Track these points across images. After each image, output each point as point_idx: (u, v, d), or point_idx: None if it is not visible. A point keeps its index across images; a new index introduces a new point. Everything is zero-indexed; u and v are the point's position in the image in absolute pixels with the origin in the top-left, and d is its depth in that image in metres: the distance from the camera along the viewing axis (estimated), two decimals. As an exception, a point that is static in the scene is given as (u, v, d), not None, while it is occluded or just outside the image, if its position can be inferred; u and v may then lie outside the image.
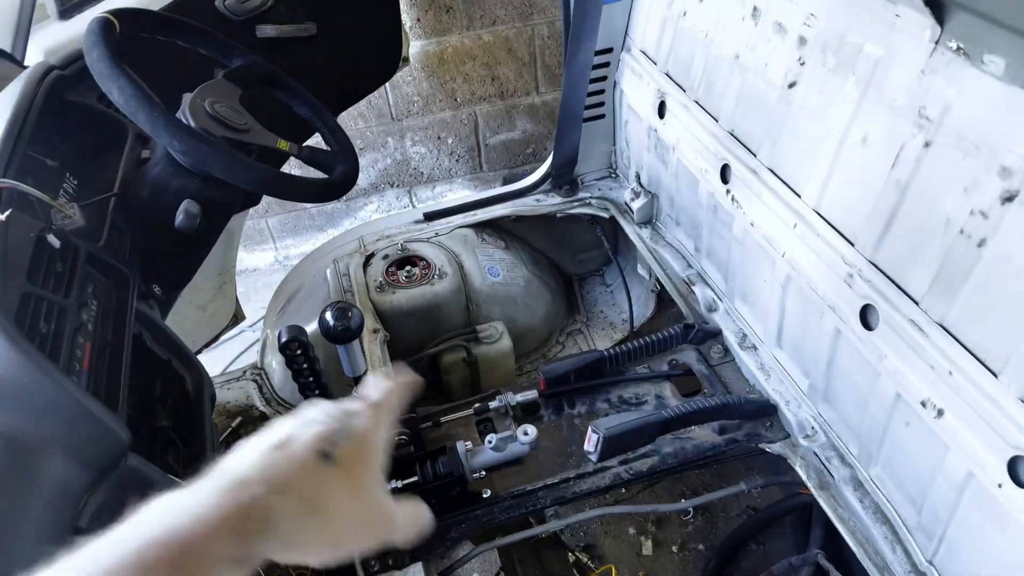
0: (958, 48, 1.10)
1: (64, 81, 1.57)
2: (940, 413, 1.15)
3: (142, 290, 1.43)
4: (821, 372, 1.48)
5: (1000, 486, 1.06)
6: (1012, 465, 1.05)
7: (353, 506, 0.53)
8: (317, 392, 1.27)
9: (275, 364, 2.37)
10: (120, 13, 1.40)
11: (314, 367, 1.25)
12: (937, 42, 1.13)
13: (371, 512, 0.55)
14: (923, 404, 1.18)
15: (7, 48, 1.74)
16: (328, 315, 1.31)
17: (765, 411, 1.61)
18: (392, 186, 3.68)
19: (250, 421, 2.28)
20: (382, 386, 0.62)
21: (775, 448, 1.57)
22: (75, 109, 1.58)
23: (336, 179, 1.49)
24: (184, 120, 1.35)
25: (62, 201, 1.32)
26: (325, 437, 0.53)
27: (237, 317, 2.73)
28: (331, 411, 0.57)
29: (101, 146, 1.59)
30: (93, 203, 1.36)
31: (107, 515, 1.06)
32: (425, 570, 1.42)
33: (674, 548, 2.28)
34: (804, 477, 1.50)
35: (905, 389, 1.22)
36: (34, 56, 1.81)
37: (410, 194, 3.74)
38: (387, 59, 2.67)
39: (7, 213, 1.06)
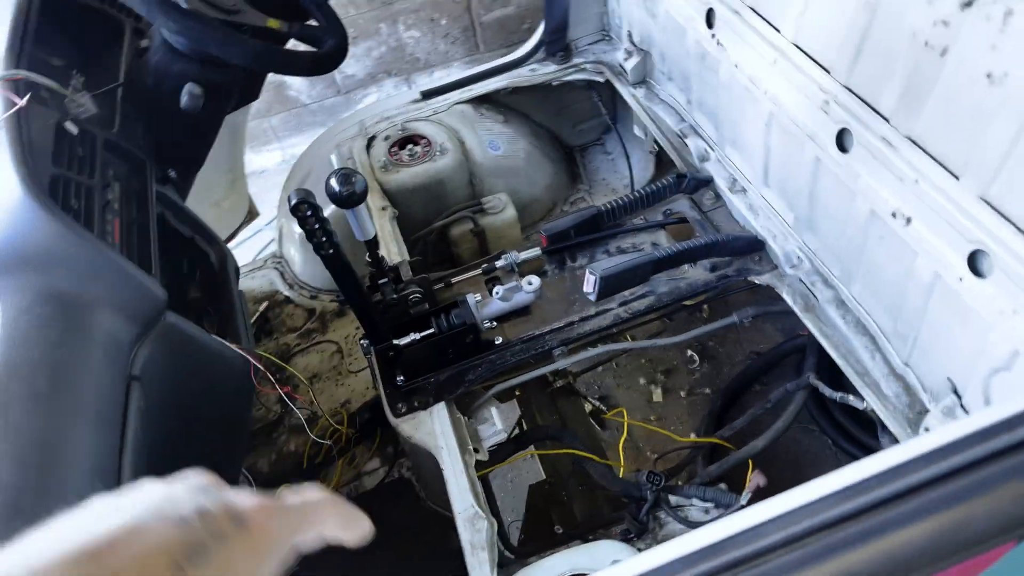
0: None
1: (57, -21, 1.61)
2: (908, 221, 1.23)
3: (159, 174, 1.53)
4: (804, 203, 1.56)
5: (961, 280, 1.16)
6: (971, 259, 1.14)
7: None
8: (332, 251, 1.37)
9: (294, 251, 2.49)
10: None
11: (325, 226, 1.34)
12: None
13: None
14: (893, 215, 1.26)
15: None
16: (333, 181, 1.39)
17: (753, 246, 1.69)
18: (389, 75, 3.68)
19: (276, 304, 2.43)
20: (308, 496, 0.49)
21: (764, 279, 1.66)
22: (72, 8, 1.63)
23: (326, 51, 1.55)
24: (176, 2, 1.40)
25: (72, 91, 1.39)
26: (175, 550, 0.37)
27: (252, 213, 2.84)
28: (201, 504, 0.41)
29: (101, 41, 1.64)
30: (102, 93, 1.44)
31: (154, 365, 1.19)
32: (448, 409, 1.56)
33: (682, 393, 2.44)
34: (791, 302, 1.60)
35: (878, 204, 1.30)
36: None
37: (408, 82, 3.75)
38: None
39: (26, 97, 1.15)
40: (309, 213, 1.32)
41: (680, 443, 2.15)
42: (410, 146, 2.27)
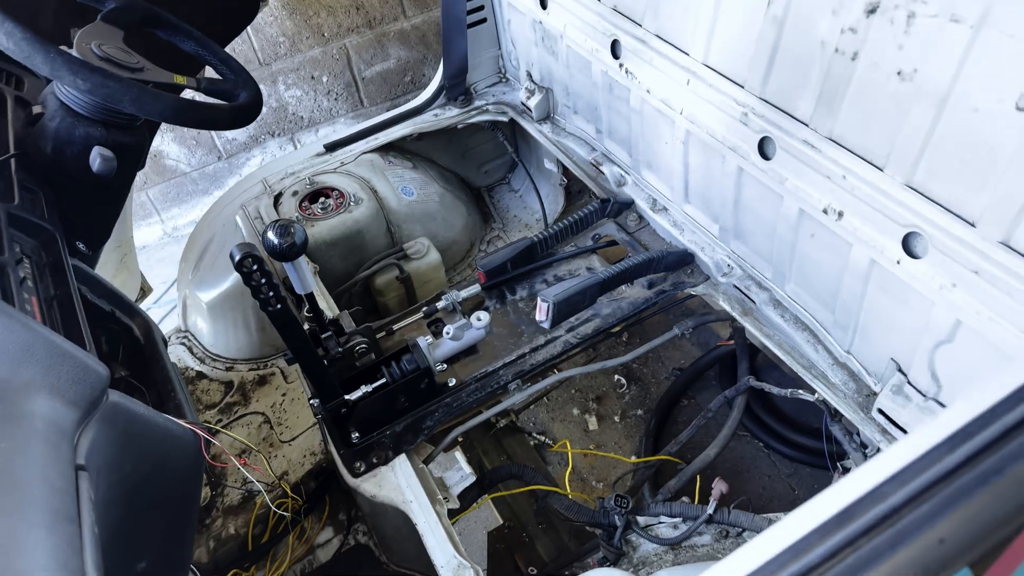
0: None
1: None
2: (840, 215, 1.32)
3: (68, 246, 1.39)
4: (729, 213, 1.64)
5: (899, 262, 1.24)
6: (906, 242, 1.23)
7: None
8: (279, 307, 1.30)
9: (201, 323, 2.33)
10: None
11: (271, 281, 1.27)
12: None
13: None
14: (825, 212, 1.35)
15: None
16: (271, 235, 1.32)
17: (684, 260, 1.76)
18: (273, 135, 3.59)
19: (188, 381, 2.26)
20: None
21: (699, 290, 1.73)
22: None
23: (244, 103, 1.48)
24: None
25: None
26: None
27: (144, 290, 2.65)
28: None
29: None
30: (-4, 166, 1.30)
31: (100, 451, 1.07)
32: (410, 461, 1.50)
33: (616, 418, 2.47)
34: (728, 309, 1.67)
35: (807, 203, 1.39)
36: None
37: (293, 141, 3.66)
38: (245, 2, 2.58)
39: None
40: (255, 268, 1.25)
41: (632, 464, 2.16)
42: (321, 199, 2.20)
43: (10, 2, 1.53)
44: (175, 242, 3.89)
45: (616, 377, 2.56)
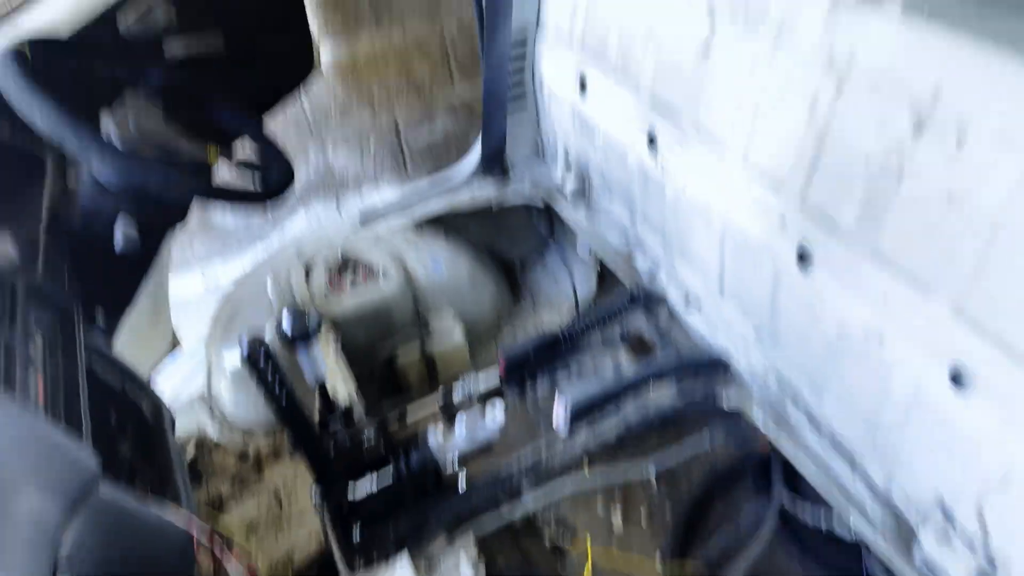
0: (857, -5, 1.18)
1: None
2: (881, 339, 1.23)
3: (86, 317, 1.39)
4: (766, 319, 1.56)
5: (944, 396, 1.15)
6: (953, 375, 1.13)
7: None
8: (283, 400, 1.26)
9: (224, 389, 2.31)
10: (32, 44, 1.35)
11: (279, 372, 1.24)
12: (837, -8, 1.21)
13: None
14: (864, 333, 1.26)
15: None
16: (285, 319, 1.30)
17: (717, 364, 1.68)
18: (318, 197, 3.63)
19: (205, 449, 2.23)
20: None
21: (731, 399, 1.64)
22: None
23: (275, 181, 1.48)
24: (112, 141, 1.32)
25: (-9, 236, 1.27)
26: None
27: (175, 345, 2.66)
28: None
29: (17, 182, 1.53)
30: (24, 236, 1.31)
31: (84, 548, 1.02)
32: (411, 561, 1.42)
33: (643, 514, 2.34)
34: (761, 424, 1.57)
35: (846, 321, 1.30)
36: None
37: (337, 203, 3.70)
38: (299, 69, 2.65)
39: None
40: (263, 359, 1.22)
41: (658, 572, 2.04)
42: (351, 271, 2.19)
43: (55, 76, 1.58)
44: (213, 295, 3.95)
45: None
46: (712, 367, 1.68)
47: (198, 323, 3.51)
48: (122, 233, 1.34)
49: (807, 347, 1.46)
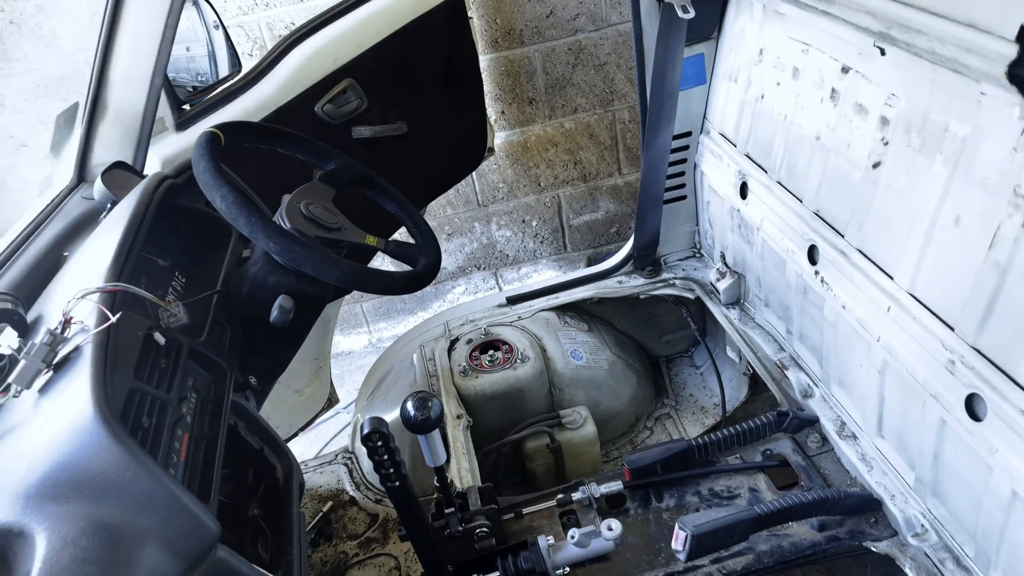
0: (1052, 124, 1.05)
1: (176, 188, 1.72)
2: (1065, 516, 1.05)
3: (239, 381, 1.51)
4: (928, 465, 1.38)
5: None
6: None
7: None
8: (397, 484, 1.29)
9: (362, 452, 2.41)
10: (226, 127, 1.53)
11: (394, 458, 1.27)
12: (1029, 119, 1.08)
13: None
14: (1045, 505, 1.08)
15: (128, 160, 1.92)
16: (409, 405, 1.33)
17: (868, 506, 1.50)
18: (479, 268, 3.77)
19: (340, 506, 2.32)
20: None
21: (881, 547, 1.45)
22: (185, 213, 1.72)
23: (419, 271, 1.55)
24: (280, 222, 1.45)
25: (170, 299, 1.42)
26: None
27: (332, 400, 2.82)
28: None
29: (207, 246, 1.71)
30: (197, 300, 1.46)
31: (197, 607, 1.09)
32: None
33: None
34: (915, 580, 1.38)
35: (1021, 486, 1.12)
36: (153, 165, 2.00)
37: (496, 276, 3.81)
38: (473, 151, 2.80)
39: (118, 315, 1.15)
40: (379, 444, 1.25)
41: None
42: (492, 351, 2.22)
43: (249, 159, 1.76)
44: (378, 353, 4.18)
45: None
46: (861, 508, 1.50)
47: (360, 374, 3.73)
48: (278, 305, 1.45)
49: (975, 506, 1.27)
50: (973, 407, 1.21)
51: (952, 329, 1.26)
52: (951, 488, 1.35)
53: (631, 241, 2.36)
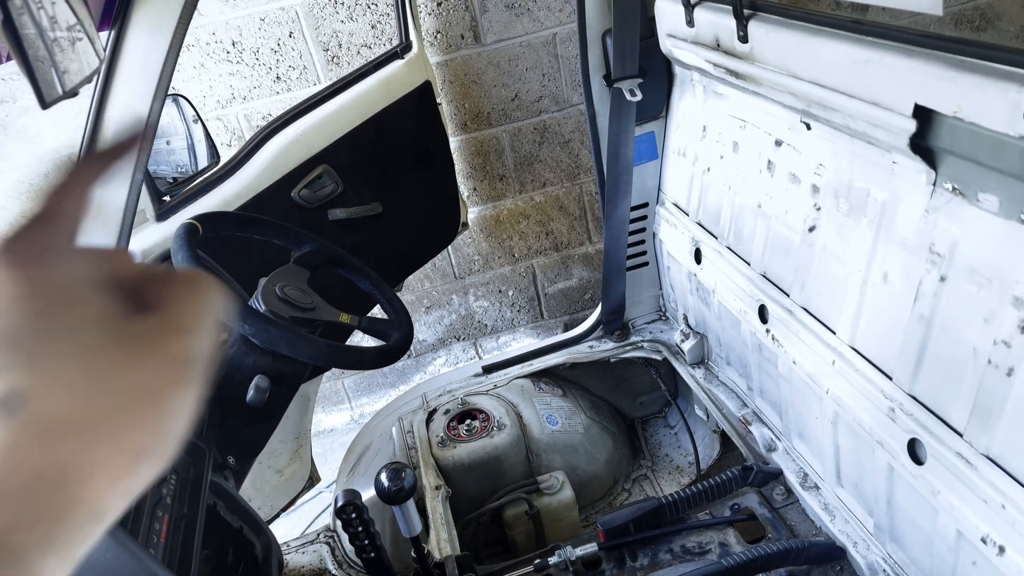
0: (954, 189, 1.16)
1: (157, 277, 1.79)
2: (1001, 550, 1.11)
3: (217, 461, 1.55)
4: (883, 511, 1.44)
5: (1077, 630, 1.00)
6: (1085, 606, 0.99)
7: (99, 390, 0.33)
8: (372, 555, 1.33)
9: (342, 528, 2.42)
10: (203, 217, 1.62)
11: (369, 529, 1.31)
12: (934, 184, 1.20)
13: (122, 356, 0.34)
14: (983, 541, 1.14)
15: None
16: (383, 476, 1.39)
17: (833, 554, 1.55)
18: (458, 339, 3.83)
19: (323, 585, 2.31)
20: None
21: (847, 594, 1.50)
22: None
23: (391, 345, 1.62)
24: (256, 305, 1.52)
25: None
26: None
27: (313, 479, 2.83)
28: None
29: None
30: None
31: None
32: None
33: None
34: (881, 626, 1.42)
35: (963, 526, 1.19)
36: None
37: (475, 346, 3.88)
38: (447, 227, 2.91)
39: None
40: (353, 515, 1.30)
41: None
42: (468, 420, 2.27)
43: (228, 245, 1.85)
44: (359, 428, 4.20)
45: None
46: (826, 557, 1.55)
47: (342, 451, 3.73)
48: (254, 385, 1.51)
49: (927, 548, 1.33)
50: (915, 451, 1.29)
51: (890, 378, 1.34)
52: (906, 532, 1.40)
53: (599, 307, 2.45)
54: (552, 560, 1.66)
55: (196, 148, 2.61)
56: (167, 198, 2.27)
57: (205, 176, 2.33)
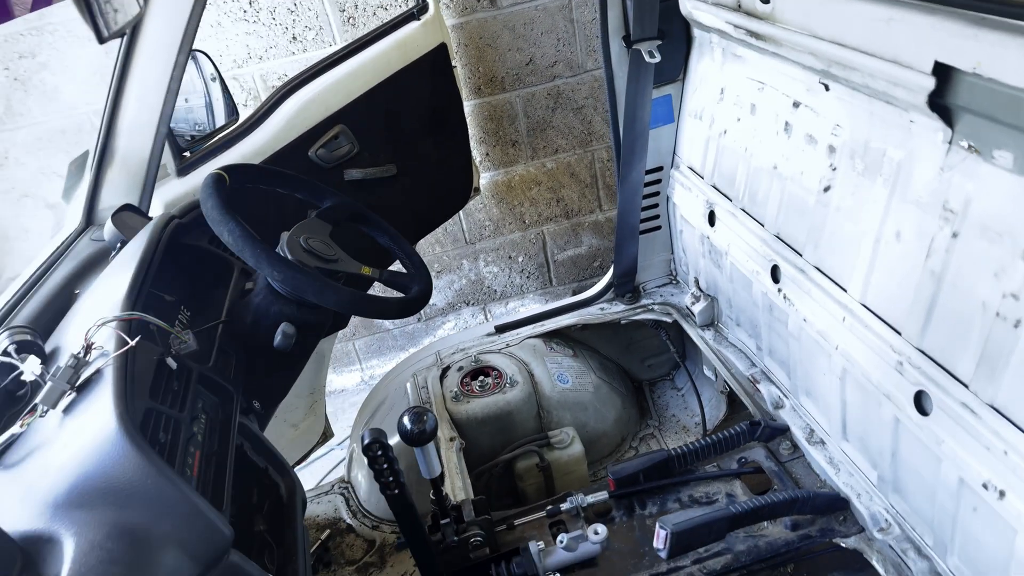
0: (969, 147, 1.19)
1: (181, 228, 1.83)
2: (1002, 494, 1.16)
3: (243, 405, 1.60)
4: (887, 463, 1.49)
5: (1071, 567, 1.05)
6: (1080, 544, 1.04)
7: None
8: (396, 492, 1.38)
9: (361, 477, 2.49)
10: (230, 168, 1.65)
11: (393, 467, 1.37)
12: (950, 142, 1.23)
13: None
14: (985, 486, 1.19)
15: (135, 203, 2.04)
16: (405, 419, 1.43)
17: (837, 505, 1.60)
18: (468, 304, 3.88)
19: (338, 533, 2.39)
20: None
21: (850, 543, 1.55)
22: (189, 251, 1.83)
23: (412, 297, 1.66)
24: (283, 254, 1.56)
25: (178, 328, 1.52)
26: None
27: (327, 435, 2.90)
28: None
29: (210, 281, 1.82)
30: (204, 330, 1.57)
31: (212, 608, 1.17)
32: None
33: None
34: (882, 571, 1.48)
35: (966, 473, 1.24)
36: (156, 209, 2.11)
37: (484, 311, 3.93)
38: (460, 191, 2.94)
39: (136, 339, 1.26)
40: (379, 453, 1.35)
41: None
42: (481, 377, 2.33)
43: (249, 199, 1.88)
44: (369, 390, 4.27)
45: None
46: (831, 507, 1.61)
47: (353, 411, 3.80)
48: (281, 331, 1.55)
49: (930, 497, 1.38)
50: (921, 403, 1.33)
51: (899, 333, 1.38)
52: (909, 483, 1.46)
53: (611, 270, 2.49)
54: (564, 506, 1.72)
55: (214, 106, 2.63)
56: (187, 154, 2.31)
57: (224, 133, 2.36)
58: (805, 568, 1.99)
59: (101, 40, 0.87)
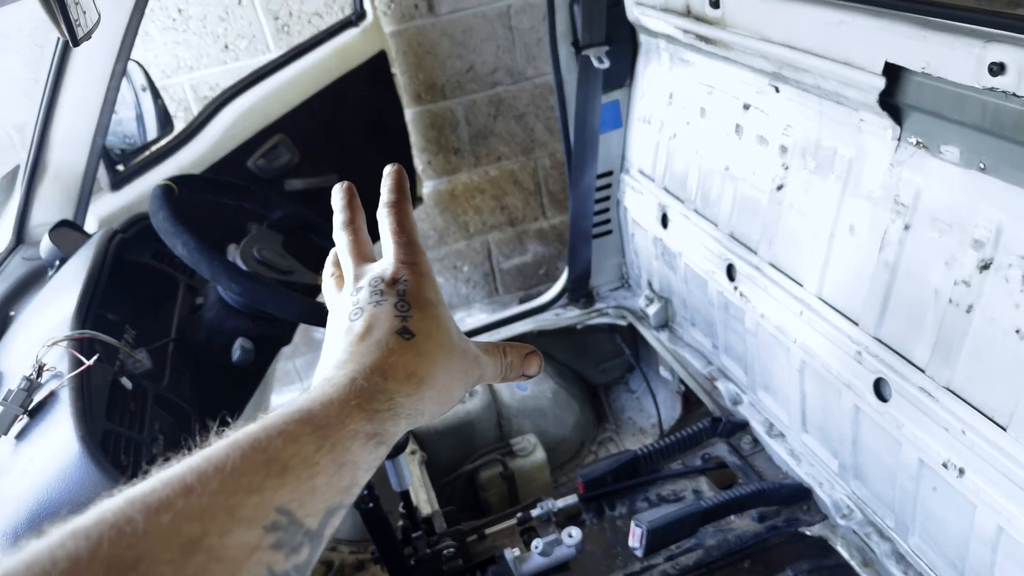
0: (918, 143, 1.25)
1: (124, 243, 1.75)
2: (961, 472, 1.21)
3: (199, 424, 1.53)
4: (848, 450, 1.54)
5: (1032, 537, 1.11)
6: (1039, 515, 1.10)
7: (447, 361, 0.55)
8: (371, 505, 1.35)
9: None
10: (178, 179, 1.59)
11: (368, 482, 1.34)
12: (899, 139, 1.29)
13: (463, 361, 0.58)
14: (944, 466, 1.24)
15: (70, 218, 1.93)
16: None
17: (800, 495, 1.65)
18: (414, 316, 3.83)
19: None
20: (387, 196, 0.67)
21: (815, 531, 1.60)
22: (131, 268, 1.75)
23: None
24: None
25: (127, 347, 1.45)
26: (396, 314, 0.55)
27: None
28: (375, 283, 0.58)
29: (154, 298, 1.74)
30: (155, 348, 1.49)
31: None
32: None
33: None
34: (847, 556, 1.52)
35: (926, 454, 1.29)
36: (91, 224, 2.01)
37: (431, 323, 3.89)
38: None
39: (95, 358, 1.19)
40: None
41: None
42: (439, 389, 2.30)
43: (190, 212, 1.81)
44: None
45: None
46: (794, 497, 1.65)
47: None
48: (239, 347, 1.50)
49: (890, 481, 1.43)
50: (880, 390, 1.38)
51: (856, 324, 1.43)
52: (870, 468, 1.51)
53: (564, 275, 2.50)
54: (535, 512, 1.71)
55: (144, 117, 2.52)
56: (120, 167, 2.21)
57: (160, 145, 2.27)
58: (773, 557, 2.04)
59: (75, 43, 0.83)
